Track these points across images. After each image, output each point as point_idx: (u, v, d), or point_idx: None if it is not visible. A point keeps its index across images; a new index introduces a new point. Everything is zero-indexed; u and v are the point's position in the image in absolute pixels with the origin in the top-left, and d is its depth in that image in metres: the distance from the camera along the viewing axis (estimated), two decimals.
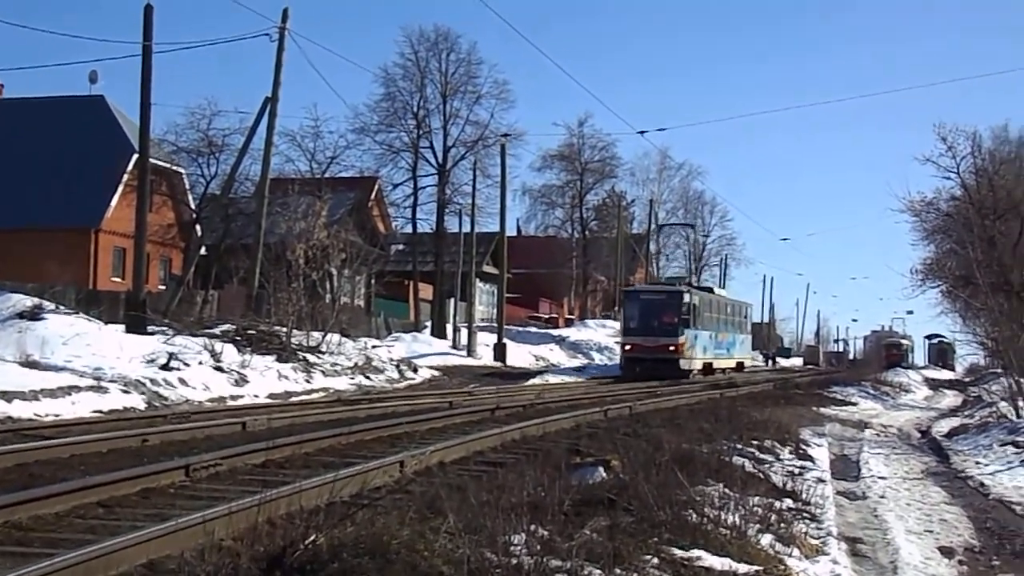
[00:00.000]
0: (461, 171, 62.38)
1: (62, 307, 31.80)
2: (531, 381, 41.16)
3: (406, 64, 61.71)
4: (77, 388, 21.45)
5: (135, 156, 40.64)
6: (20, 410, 18.98)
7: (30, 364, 23.03)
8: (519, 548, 7.30)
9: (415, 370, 38.52)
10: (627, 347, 45.84)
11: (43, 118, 52.13)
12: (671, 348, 44.20)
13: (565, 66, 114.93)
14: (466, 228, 57.55)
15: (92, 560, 7.12)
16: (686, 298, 45.83)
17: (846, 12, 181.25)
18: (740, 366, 57.88)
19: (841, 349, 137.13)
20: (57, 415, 19.27)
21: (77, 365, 23.80)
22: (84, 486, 10.19)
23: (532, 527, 7.87)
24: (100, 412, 20.43)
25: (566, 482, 10.12)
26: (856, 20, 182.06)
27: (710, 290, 56.71)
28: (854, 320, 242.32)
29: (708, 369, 48.92)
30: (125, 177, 48.44)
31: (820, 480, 14.86)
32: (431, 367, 41.46)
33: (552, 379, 43.48)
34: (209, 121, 49.29)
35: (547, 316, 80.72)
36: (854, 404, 37.91)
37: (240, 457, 12.76)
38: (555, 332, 68.82)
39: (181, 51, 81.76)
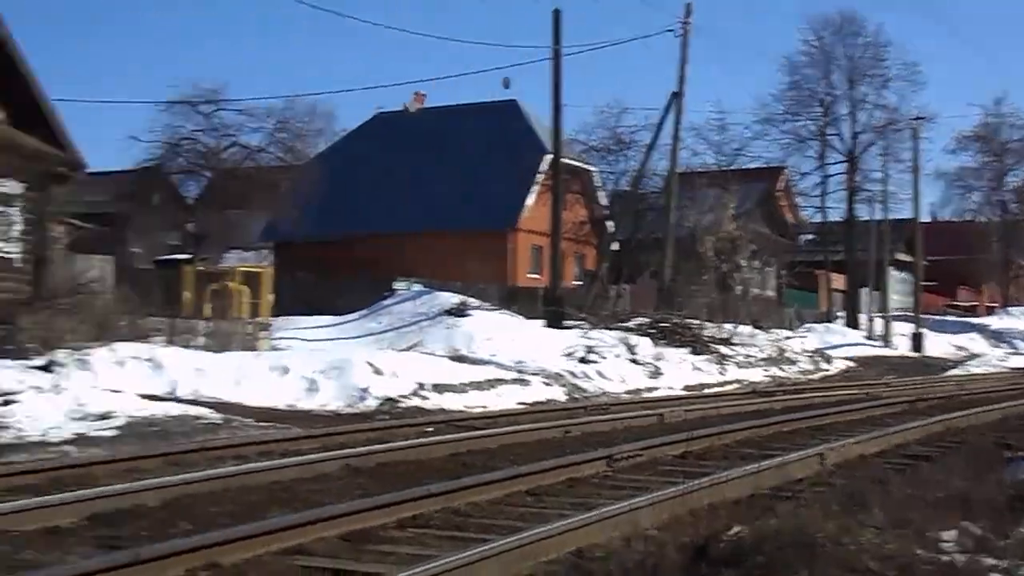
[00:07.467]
0: (871, 157, 60.85)
1: (485, 304, 33.36)
2: (951, 372, 39.55)
3: (811, 51, 60.73)
4: (501, 381, 22.36)
5: (548, 157, 41.99)
6: (451, 402, 20.03)
7: (458, 358, 24.34)
8: (950, 545, 7.09)
9: (829, 361, 37.86)
10: None
11: (462, 125, 54.64)
12: None
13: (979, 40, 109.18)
14: (877, 216, 56.08)
15: (525, 546, 7.46)
16: None
17: None
18: None
19: None
20: (484, 407, 20.13)
21: (501, 359, 24.90)
22: (514, 475, 10.65)
23: (963, 523, 7.62)
24: (523, 404, 21.24)
25: (997, 477, 9.72)
26: None
27: None
28: None
29: None
30: (539, 177, 49.94)
31: None
32: (845, 358, 40.63)
33: (974, 369, 41.52)
34: (617, 119, 50.44)
35: (966, 304, 77.18)
36: None
37: (659, 448, 12.96)
38: (975, 321, 65.75)
39: (586, 52, 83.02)
